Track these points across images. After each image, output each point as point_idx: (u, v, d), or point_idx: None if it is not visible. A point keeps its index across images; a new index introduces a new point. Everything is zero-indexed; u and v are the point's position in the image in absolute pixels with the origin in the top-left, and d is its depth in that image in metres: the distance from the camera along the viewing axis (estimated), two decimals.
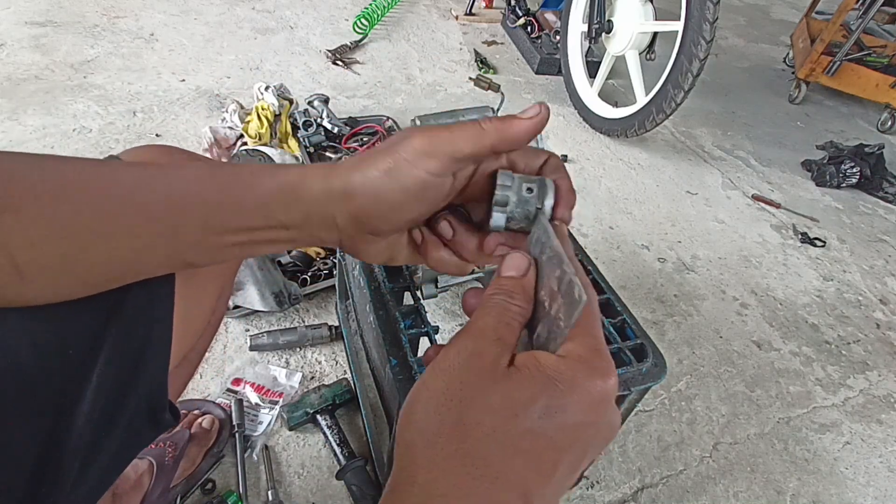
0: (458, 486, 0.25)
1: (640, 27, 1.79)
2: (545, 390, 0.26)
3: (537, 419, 0.26)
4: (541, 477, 0.26)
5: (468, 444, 0.26)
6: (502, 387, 0.27)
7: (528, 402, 0.26)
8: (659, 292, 1.41)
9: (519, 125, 0.34)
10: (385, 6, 2.43)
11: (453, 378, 0.28)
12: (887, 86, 2.27)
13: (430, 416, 0.27)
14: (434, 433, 0.27)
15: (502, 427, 0.26)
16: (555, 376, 0.27)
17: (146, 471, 0.78)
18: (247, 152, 1.42)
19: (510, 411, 0.26)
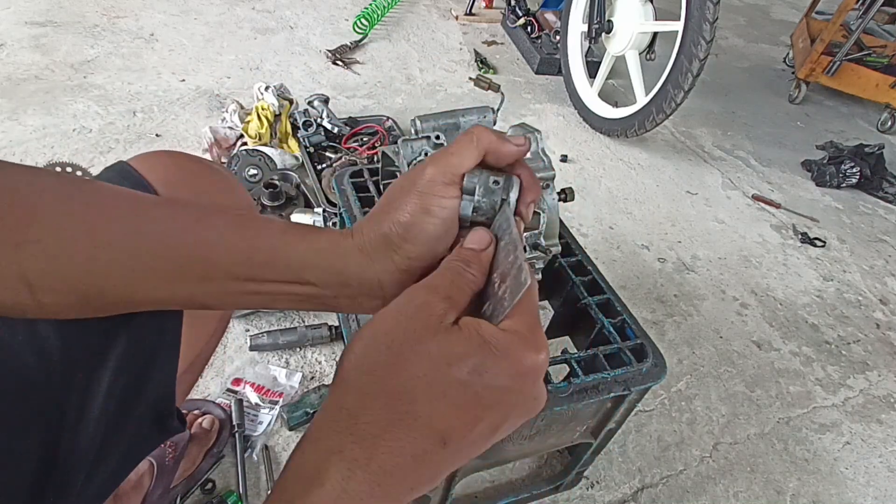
0: (381, 417, 0.27)
1: (640, 27, 1.79)
2: (480, 350, 0.28)
3: (467, 373, 0.28)
4: (462, 426, 0.28)
5: (398, 381, 0.28)
6: (442, 338, 0.29)
7: (462, 357, 0.28)
8: (659, 292, 1.41)
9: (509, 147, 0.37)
10: (385, 6, 2.43)
11: (398, 323, 0.30)
12: (887, 86, 2.27)
13: (368, 352, 0.29)
14: (369, 367, 0.29)
15: (433, 372, 0.28)
16: (491, 341, 0.29)
17: (147, 471, 0.78)
18: (247, 152, 1.42)
19: (444, 360, 0.28)
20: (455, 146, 0.36)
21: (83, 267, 0.31)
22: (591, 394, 0.67)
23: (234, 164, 1.41)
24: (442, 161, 0.35)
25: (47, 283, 0.30)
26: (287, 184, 1.37)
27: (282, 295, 0.36)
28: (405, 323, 0.29)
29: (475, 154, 0.36)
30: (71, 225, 0.30)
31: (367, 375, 0.28)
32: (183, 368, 0.43)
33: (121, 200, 0.33)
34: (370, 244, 0.35)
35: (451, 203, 0.36)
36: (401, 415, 0.27)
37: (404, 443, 0.27)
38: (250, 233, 0.34)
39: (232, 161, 1.41)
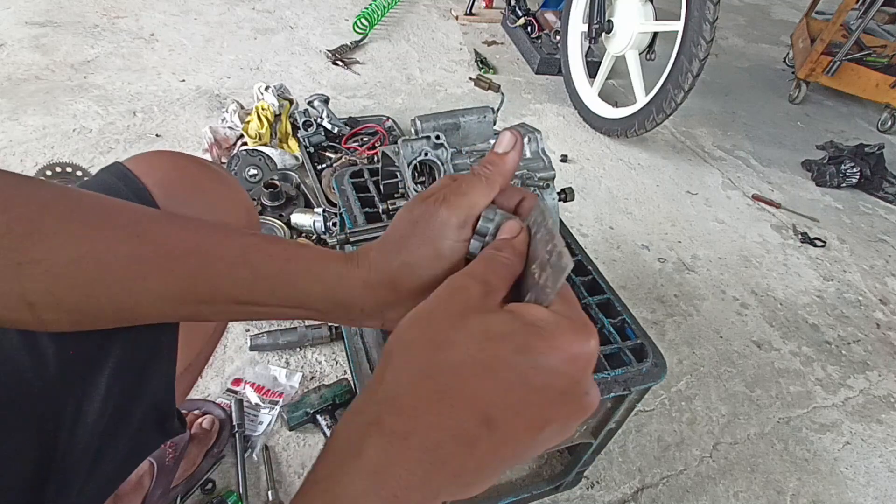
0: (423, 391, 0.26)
1: (640, 27, 1.79)
2: (527, 329, 0.27)
3: (512, 352, 0.27)
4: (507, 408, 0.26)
5: (439, 356, 0.27)
6: (484, 317, 0.28)
7: (508, 335, 0.27)
8: (659, 292, 1.40)
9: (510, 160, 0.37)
10: (385, 6, 2.43)
11: (439, 303, 0.29)
12: (887, 86, 2.27)
13: (410, 330, 0.28)
14: (409, 343, 0.28)
15: (477, 348, 0.27)
16: (539, 322, 0.28)
17: (147, 472, 0.78)
18: (247, 152, 1.42)
19: (486, 336, 0.27)
20: (465, 185, 0.35)
21: (85, 287, 0.30)
22: None
23: (234, 164, 1.41)
24: (454, 202, 0.35)
25: (49, 302, 0.30)
26: (287, 184, 1.37)
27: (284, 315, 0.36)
28: (445, 303, 0.29)
29: (487, 194, 0.36)
30: (73, 245, 0.30)
31: (408, 352, 0.28)
32: (182, 369, 0.43)
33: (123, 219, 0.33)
34: (375, 279, 0.35)
35: (462, 246, 0.35)
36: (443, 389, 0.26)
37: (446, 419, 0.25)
38: (255, 261, 0.34)
39: (232, 161, 1.41)
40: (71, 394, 0.35)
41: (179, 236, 0.34)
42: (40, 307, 0.30)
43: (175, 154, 0.48)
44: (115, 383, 0.37)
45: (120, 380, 0.37)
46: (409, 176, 0.55)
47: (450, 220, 0.34)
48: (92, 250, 0.30)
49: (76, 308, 0.31)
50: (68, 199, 0.31)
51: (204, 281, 0.33)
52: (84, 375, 0.35)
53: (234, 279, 0.34)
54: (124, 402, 0.38)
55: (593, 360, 0.29)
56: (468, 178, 0.36)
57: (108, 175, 0.43)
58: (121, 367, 0.37)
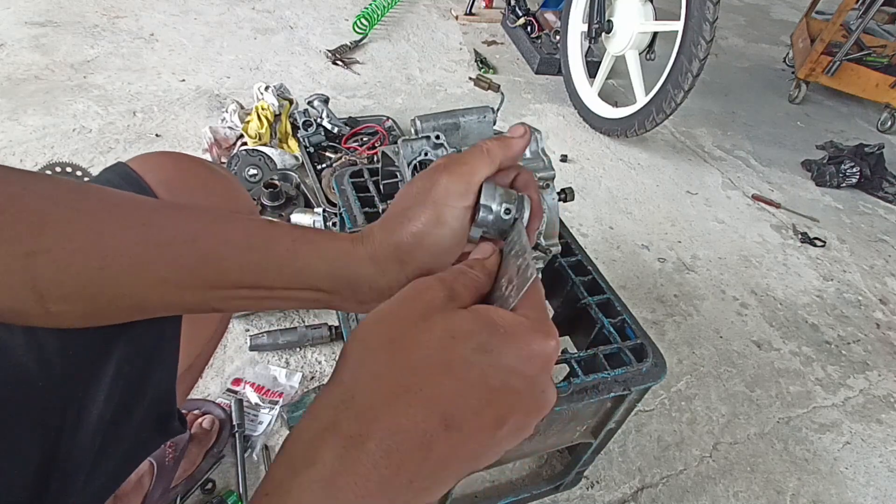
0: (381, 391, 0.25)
1: (639, 27, 1.79)
2: (486, 328, 0.28)
3: (472, 350, 0.27)
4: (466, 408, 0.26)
5: (400, 355, 0.26)
6: (445, 316, 0.28)
7: (468, 334, 0.27)
8: (659, 292, 1.41)
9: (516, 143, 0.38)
10: (385, 6, 2.43)
11: (402, 303, 0.29)
12: (887, 86, 2.27)
13: (370, 330, 0.28)
14: (370, 343, 0.27)
15: (437, 347, 0.26)
16: (498, 321, 0.28)
17: (147, 471, 0.78)
18: (247, 152, 1.42)
19: (448, 335, 0.27)
20: (467, 156, 0.36)
21: (93, 276, 0.30)
22: (591, 394, 0.67)
23: (234, 164, 1.41)
24: (456, 170, 0.35)
25: (57, 293, 0.30)
26: (287, 184, 1.37)
27: (292, 300, 0.36)
28: (408, 303, 0.29)
29: (487, 165, 0.36)
30: (81, 234, 0.30)
31: (367, 351, 0.27)
32: (183, 369, 0.43)
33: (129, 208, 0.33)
34: (382, 254, 0.35)
35: (463, 213, 0.36)
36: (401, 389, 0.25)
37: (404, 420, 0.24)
38: (260, 243, 0.34)
39: (232, 161, 1.41)
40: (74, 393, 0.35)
41: (185, 223, 0.34)
42: (49, 298, 0.30)
43: (178, 154, 0.48)
44: (118, 383, 0.37)
45: (122, 380, 0.37)
46: (409, 176, 0.55)
47: (450, 186, 0.35)
48: (99, 239, 0.31)
49: (84, 298, 0.31)
50: (74, 190, 0.32)
51: (211, 266, 0.33)
52: (87, 375, 0.36)
53: (240, 263, 0.34)
54: (126, 402, 0.38)
55: (552, 359, 0.29)
56: (469, 149, 0.37)
57: (111, 174, 0.43)
58: (123, 367, 0.37)
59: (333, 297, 0.36)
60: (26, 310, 0.30)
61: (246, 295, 0.35)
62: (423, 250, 0.35)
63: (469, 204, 0.36)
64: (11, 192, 0.29)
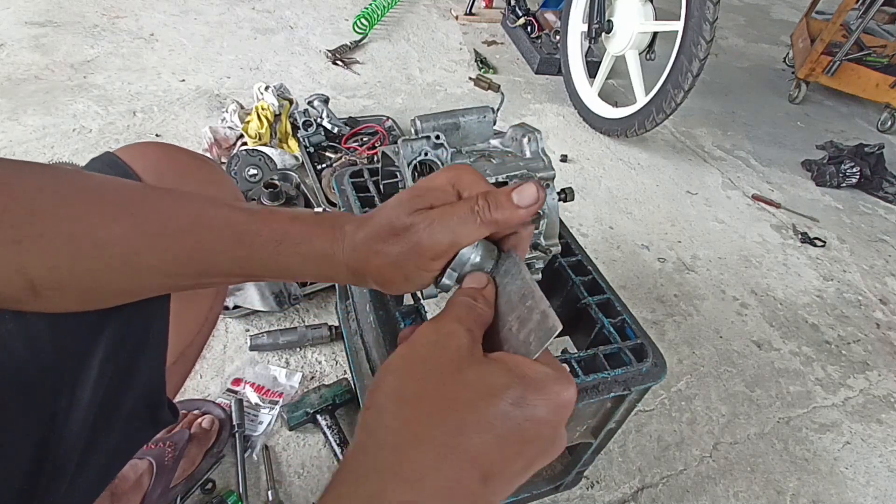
0: (430, 452, 0.25)
1: (639, 27, 1.79)
2: (520, 382, 0.28)
3: (510, 405, 0.27)
4: (503, 461, 0.27)
5: (446, 412, 0.27)
6: (479, 368, 0.28)
7: (504, 388, 0.28)
8: (659, 292, 1.40)
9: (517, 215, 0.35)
10: (385, 6, 2.43)
11: (430, 353, 0.29)
12: (887, 86, 2.27)
13: (404, 383, 0.28)
14: (409, 398, 0.28)
15: (478, 403, 0.27)
16: (530, 374, 0.29)
17: (146, 471, 0.78)
18: (247, 152, 1.42)
19: (487, 391, 0.27)
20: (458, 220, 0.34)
21: (84, 263, 0.31)
22: (592, 394, 0.67)
23: (234, 164, 1.41)
24: (437, 237, 0.34)
25: (49, 279, 0.30)
26: (287, 184, 1.36)
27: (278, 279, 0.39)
28: (437, 352, 0.29)
29: (478, 233, 0.35)
30: (72, 221, 0.30)
31: (408, 407, 0.27)
32: (173, 359, 0.43)
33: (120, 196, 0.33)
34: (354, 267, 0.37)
35: (430, 276, 0.37)
36: (449, 449, 0.26)
37: (450, 482, 0.25)
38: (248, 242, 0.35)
39: (232, 161, 1.41)
40: (65, 380, 0.35)
41: (174, 213, 0.34)
42: (40, 284, 0.30)
43: (164, 144, 0.49)
44: (107, 370, 0.37)
45: (111, 366, 0.37)
46: (409, 176, 0.55)
47: (425, 251, 0.35)
48: (89, 226, 0.31)
49: (75, 284, 0.31)
50: (63, 178, 0.32)
51: (200, 258, 0.34)
52: (77, 362, 0.36)
53: (229, 257, 0.35)
54: (115, 390, 0.38)
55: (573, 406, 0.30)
56: (462, 211, 0.34)
57: (98, 163, 0.43)
58: (112, 354, 0.37)
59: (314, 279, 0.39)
60: (19, 297, 0.30)
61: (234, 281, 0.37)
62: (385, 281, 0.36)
63: (439, 267, 0.36)
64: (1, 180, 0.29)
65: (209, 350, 1.06)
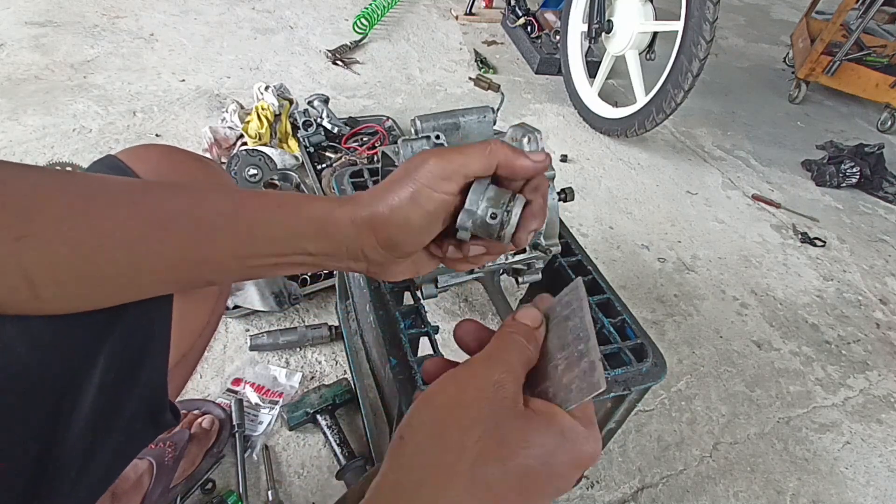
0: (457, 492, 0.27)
1: (640, 27, 1.79)
2: (557, 438, 0.30)
3: (539, 462, 0.29)
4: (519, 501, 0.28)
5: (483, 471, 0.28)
6: (522, 423, 0.30)
7: (540, 445, 0.29)
8: (659, 292, 1.41)
9: (524, 162, 0.37)
10: (385, 6, 2.43)
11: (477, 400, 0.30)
12: (887, 86, 2.27)
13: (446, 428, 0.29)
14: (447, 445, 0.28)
15: (511, 459, 0.28)
16: (565, 431, 0.30)
17: (146, 471, 0.78)
18: (247, 152, 1.42)
19: (524, 447, 0.29)
20: (466, 147, 0.36)
21: (84, 257, 0.30)
22: None
23: (234, 164, 1.40)
24: (446, 156, 0.36)
25: (48, 276, 0.30)
26: (287, 184, 1.36)
27: (280, 266, 0.37)
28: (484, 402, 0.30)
29: (484, 162, 0.36)
30: (70, 216, 0.30)
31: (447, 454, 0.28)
32: (174, 362, 0.43)
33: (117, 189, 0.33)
34: (360, 218, 0.36)
35: (441, 198, 0.36)
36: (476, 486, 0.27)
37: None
38: (247, 212, 0.35)
39: (232, 161, 1.41)
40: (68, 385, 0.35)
41: (173, 199, 0.34)
42: (40, 283, 0.30)
43: (166, 146, 0.48)
44: (109, 372, 0.37)
45: (113, 368, 0.37)
46: None
47: (435, 168, 0.35)
48: (88, 220, 0.31)
49: (76, 280, 0.31)
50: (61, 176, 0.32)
51: (201, 238, 0.34)
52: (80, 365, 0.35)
53: (230, 232, 0.34)
54: (117, 391, 0.38)
55: (594, 463, 0.32)
56: (471, 143, 0.37)
57: (100, 166, 0.43)
58: (114, 356, 0.37)
59: (318, 259, 0.37)
60: (17, 297, 0.30)
61: (236, 266, 0.35)
62: (394, 223, 0.36)
63: (450, 191, 0.36)
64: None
65: (209, 350, 1.06)
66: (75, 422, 0.35)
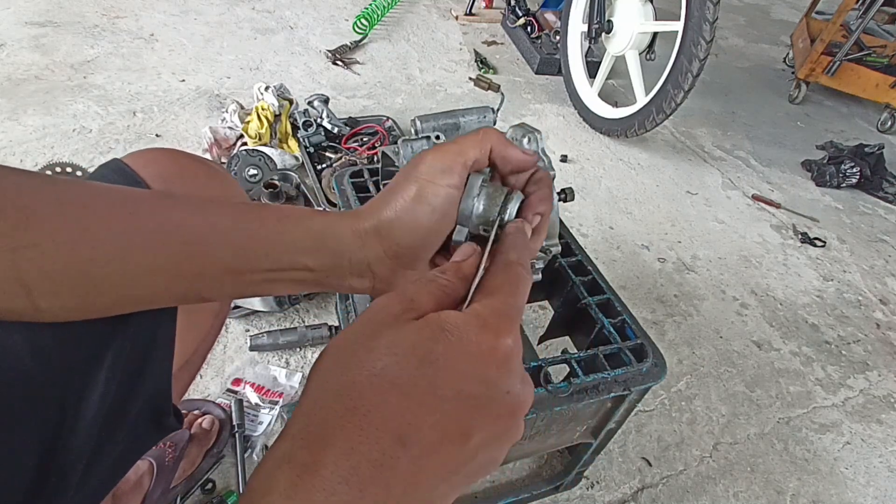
0: (330, 416, 0.24)
1: (640, 27, 1.79)
2: (431, 338, 0.26)
3: (418, 363, 0.25)
4: (420, 422, 0.24)
5: (346, 377, 0.25)
6: (394, 331, 0.26)
7: (411, 347, 0.26)
8: (659, 292, 1.40)
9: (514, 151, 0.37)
10: (385, 6, 2.43)
11: (356, 326, 0.27)
12: (887, 86, 2.27)
13: (325, 358, 0.27)
14: (323, 368, 0.27)
15: (382, 364, 0.25)
16: (446, 326, 0.26)
17: (146, 471, 0.78)
18: (247, 152, 1.42)
19: (392, 351, 0.25)
20: (460, 139, 0.36)
21: (81, 267, 0.30)
22: (591, 394, 0.67)
23: (234, 164, 1.40)
24: (443, 148, 0.36)
25: (45, 287, 0.30)
26: (287, 184, 1.36)
27: (281, 282, 0.36)
28: (362, 324, 0.27)
29: (478, 149, 0.36)
30: (66, 226, 0.30)
31: (320, 376, 0.26)
32: (178, 366, 0.43)
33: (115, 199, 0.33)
34: (364, 227, 0.35)
35: (445, 192, 0.35)
36: (349, 412, 0.24)
37: (357, 443, 0.23)
38: (246, 225, 0.34)
39: (232, 161, 1.41)
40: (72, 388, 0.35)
41: (171, 211, 0.34)
42: (37, 293, 0.30)
43: (173, 151, 0.48)
44: (113, 378, 0.37)
45: (118, 374, 0.37)
46: None
47: (434, 162, 0.35)
48: (85, 230, 0.31)
49: (73, 291, 0.31)
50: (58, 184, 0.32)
51: (198, 251, 0.33)
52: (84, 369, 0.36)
53: (227, 245, 0.34)
54: (121, 397, 0.38)
55: (510, 357, 0.27)
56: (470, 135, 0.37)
57: (106, 171, 0.43)
58: (119, 362, 0.37)
59: (319, 276, 0.36)
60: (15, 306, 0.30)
61: (232, 281, 0.34)
62: (401, 226, 0.35)
63: (453, 184, 0.35)
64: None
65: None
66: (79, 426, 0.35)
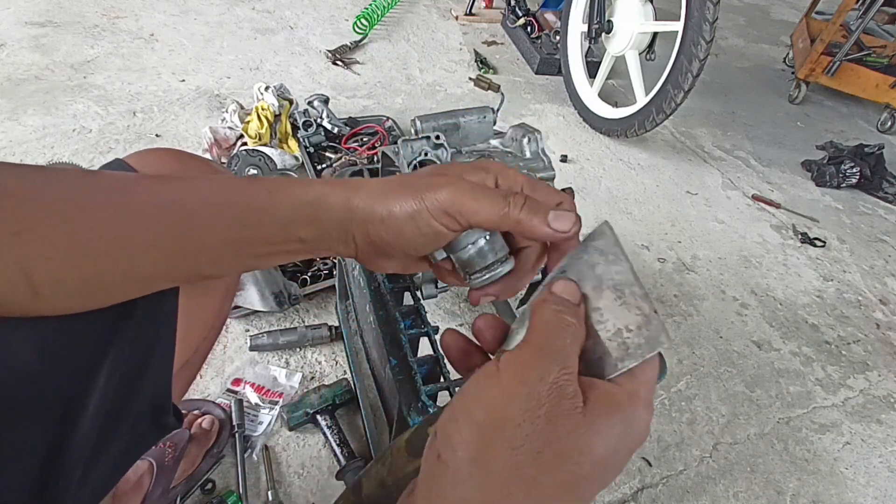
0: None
1: (639, 27, 1.79)
2: (620, 432, 0.27)
3: (602, 464, 0.27)
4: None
5: (532, 490, 0.25)
6: (585, 429, 0.26)
7: (604, 447, 0.26)
8: (659, 292, 1.40)
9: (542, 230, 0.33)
10: (385, 6, 2.43)
11: (533, 414, 0.26)
12: (887, 86, 2.27)
13: (494, 444, 0.26)
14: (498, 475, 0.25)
15: (573, 473, 0.26)
16: (630, 419, 0.27)
17: (146, 471, 0.78)
18: (247, 152, 1.42)
19: (587, 455, 0.26)
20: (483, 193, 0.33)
21: (81, 250, 0.30)
22: None
23: (234, 165, 1.40)
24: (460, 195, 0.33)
25: (47, 272, 0.30)
26: None
27: (274, 255, 0.36)
28: (535, 415, 0.26)
29: (495, 221, 0.33)
30: (66, 210, 0.30)
31: (493, 485, 0.25)
32: (179, 365, 0.43)
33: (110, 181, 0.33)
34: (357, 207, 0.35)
35: (438, 229, 0.34)
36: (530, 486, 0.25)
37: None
38: (238, 199, 0.35)
39: (232, 161, 1.41)
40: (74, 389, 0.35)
41: (165, 189, 0.34)
42: (38, 279, 0.30)
43: (174, 151, 0.48)
44: (114, 377, 0.37)
45: (119, 373, 0.37)
46: None
47: (444, 201, 0.33)
48: (84, 213, 0.31)
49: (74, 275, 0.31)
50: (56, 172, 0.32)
51: (196, 225, 0.33)
52: (86, 367, 0.36)
53: (223, 218, 0.34)
54: (123, 396, 0.38)
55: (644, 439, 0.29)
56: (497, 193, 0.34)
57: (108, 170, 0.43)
58: (120, 361, 0.37)
59: (310, 246, 0.36)
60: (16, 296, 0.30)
61: (230, 254, 0.35)
62: (386, 229, 0.35)
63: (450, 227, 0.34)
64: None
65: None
66: (80, 425, 0.35)
